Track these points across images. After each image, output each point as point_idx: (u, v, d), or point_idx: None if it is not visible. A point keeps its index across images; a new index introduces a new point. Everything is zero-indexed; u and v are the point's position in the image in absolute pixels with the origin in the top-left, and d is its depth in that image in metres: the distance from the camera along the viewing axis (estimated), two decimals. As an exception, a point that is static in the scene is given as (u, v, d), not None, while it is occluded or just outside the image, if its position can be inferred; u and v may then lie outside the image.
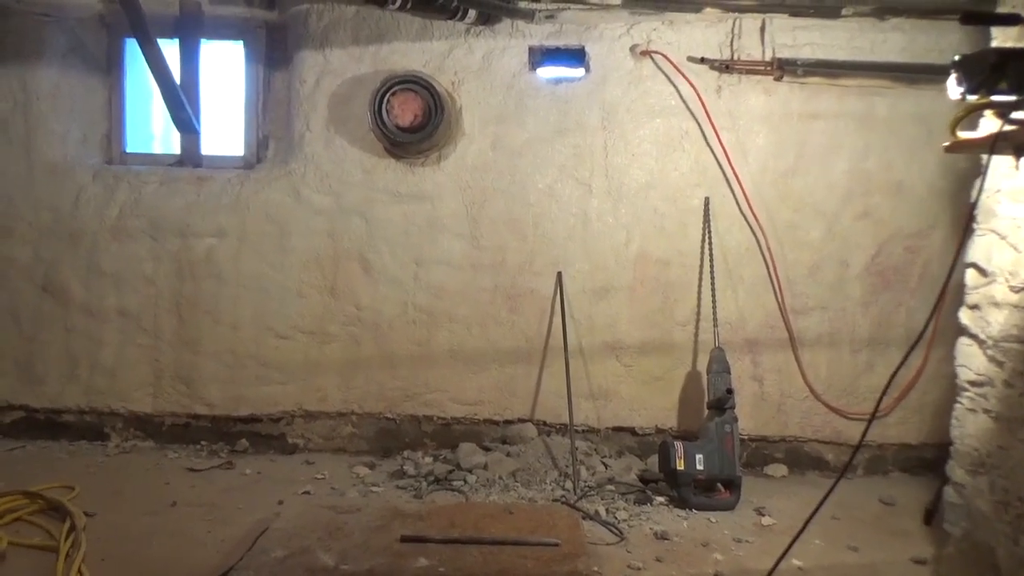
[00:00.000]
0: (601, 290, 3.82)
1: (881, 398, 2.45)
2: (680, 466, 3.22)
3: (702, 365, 3.80)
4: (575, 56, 3.81)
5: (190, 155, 4.01)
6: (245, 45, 3.99)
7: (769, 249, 3.78)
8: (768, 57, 3.75)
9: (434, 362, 3.85)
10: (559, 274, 3.81)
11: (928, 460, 3.84)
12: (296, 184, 3.82)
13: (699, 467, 3.24)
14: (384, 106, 3.52)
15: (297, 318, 3.83)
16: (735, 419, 3.37)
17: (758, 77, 3.76)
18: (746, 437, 3.80)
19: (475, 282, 3.83)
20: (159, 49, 3.57)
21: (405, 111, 3.50)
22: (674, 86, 3.79)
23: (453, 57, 3.78)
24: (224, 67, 4.10)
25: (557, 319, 3.79)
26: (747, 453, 3.83)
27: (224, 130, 4.11)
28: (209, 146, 4.06)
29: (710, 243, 3.76)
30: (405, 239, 3.82)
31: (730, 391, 3.36)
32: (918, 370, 3.81)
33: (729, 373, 3.49)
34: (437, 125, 3.56)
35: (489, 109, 3.79)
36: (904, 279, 3.81)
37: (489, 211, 3.81)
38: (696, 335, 3.84)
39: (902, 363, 2.31)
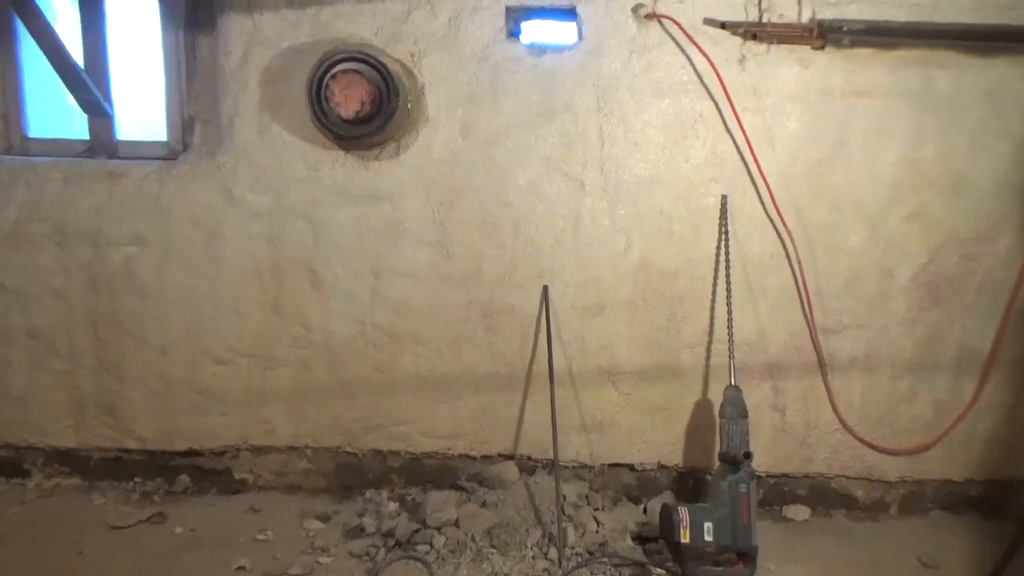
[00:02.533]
0: (595, 306, 3.20)
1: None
2: (685, 538, 2.68)
3: (714, 393, 3.22)
4: (564, 17, 3.07)
5: (102, 141, 3.34)
6: (161, 2, 3.25)
7: (798, 256, 3.13)
8: (806, 19, 2.99)
9: (399, 390, 3.27)
10: (545, 288, 3.19)
11: (974, 498, 3.32)
12: (227, 181, 3.16)
13: (707, 538, 2.70)
14: (323, 92, 2.82)
15: (236, 340, 3.25)
16: (752, 476, 2.80)
17: (792, 45, 3.02)
18: (763, 474, 3.26)
19: (445, 297, 3.21)
20: (43, 18, 2.87)
21: (349, 98, 2.80)
22: (686, 57, 3.06)
23: (412, 22, 3.05)
24: (140, 31, 3.38)
25: (543, 340, 3.19)
26: (764, 490, 3.29)
27: (144, 109, 3.42)
28: (127, 129, 3.38)
29: (727, 249, 3.11)
30: (360, 247, 3.18)
31: (748, 455, 2.78)
32: (971, 399, 3.22)
33: (746, 418, 2.91)
34: (391, 114, 2.87)
35: (457, 87, 3.08)
36: (959, 293, 3.17)
37: (460, 213, 3.15)
38: (708, 358, 3.24)
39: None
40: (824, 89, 3.05)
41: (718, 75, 2.99)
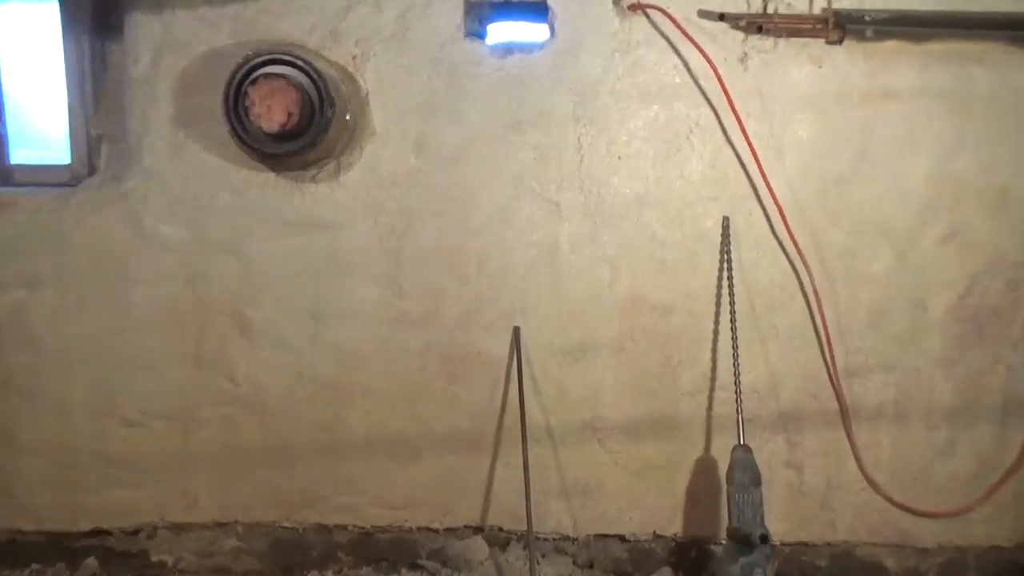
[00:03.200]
0: (576, 349, 2.70)
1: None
2: (690, 641, 2.17)
3: (718, 448, 2.73)
4: (534, 11, 2.59)
5: (-7, 165, 2.82)
6: (61, 4, 2.75)
7: (814, 287, 2.65)
8: (820, 8, 2.53)
9: (346, 453, 2.75)
10: (516, 328, 2.69)
11: (1024, 567, 2.82)
12: (136, 209, 2.65)
13: (718, 639, 2.19)
14: (242, 102, 2.32)
15: (150, 398, 2.73)
16: (768, 558, 2.30)
17: (804, 40, 2.56)
18: (777, 543, 2.75)
19: (398, 342, 2.70)
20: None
21: (273, 108, 2.30)
22: (679, 56, 2.58)
23: (353, 18, 2.56)
24: (40, 37, 2.88)
25: (514, 390, 2.68)
26: (778, 562, 2.78)
27: (47, 127, 2.92)
28: (23, 151, 2.87)
29: (730, 280, 2.62)
30: (296, 285, 2.68)
31: (766, 538, 2.27)
32: (1020, 452, 2.73)
33: (760, 486, 2.41)
34: (325, 126, 2.37)
35: (409, 95, 2.59)
36: (1004, 327, 2.70)
37: (414, 242, 2.66)
38: (710, 408, 2.74)
39: None
40: (842, 91, 2.59)
41: (717, 76, 2.52)
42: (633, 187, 2.64)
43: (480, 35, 2.58)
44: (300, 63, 2.33)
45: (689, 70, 2.58)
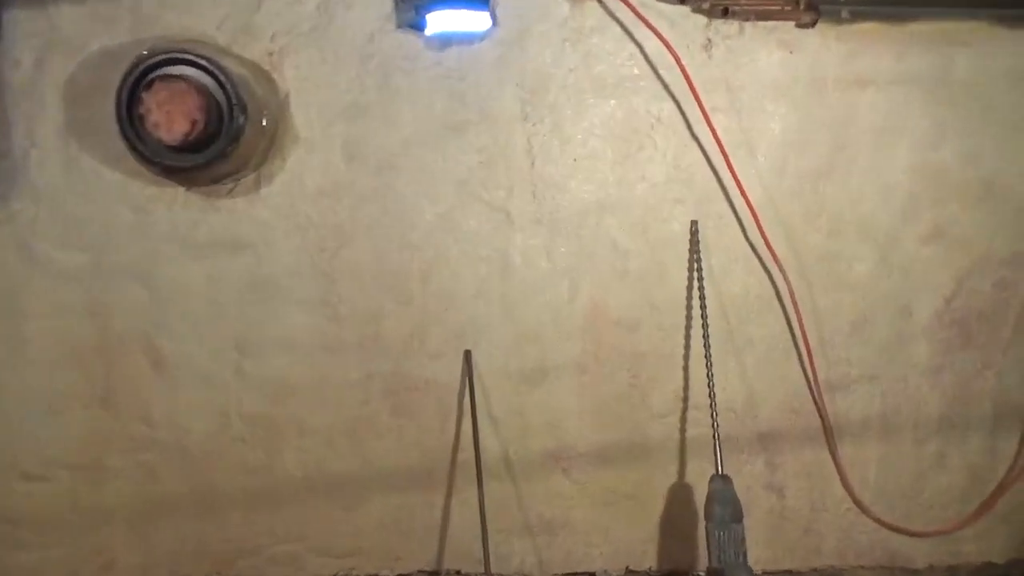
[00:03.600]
0: (535, 371, 2.44)
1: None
2: None
3: (693, 474, 2.50)
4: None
5: None
6: (-68, -1, 2.38)
7: (792, 295, 2.42)
8: (789, -11, 2.29)
9: (282, 497, 2.46)
10: (467, 352, 2.41)
11: (1020, 583, 2.63)
12: (25, 234, 2.31)
13: None
14: (136, 109, 2.00)
15: (53, 447, 2.40)
16: (755, 602, 2.07)
17: (773, 24, 2.32)
18: (759, 573, 2.52)
19: (336, 372, 2.41)
20: None
21: (173, 117, 1.99)
22: (636, 44, 2.32)
23: (268, 9, 2.25)
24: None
25: (468, 420, 2.41)
26: (762, 592, 2.57)
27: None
28: None
29: (701, 291, 2.38)
30: (216, 313, 2.37)
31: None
32: (1012, 463, 2.54)
33: (742, 521, 2.18)
34: (236, 135, 2.06)
35: (335, 95, 2.29)
36: (993, 330, 2.51)
37: (349, 260, 2.36)
38: (683, 430, 2.51)
39: None
40: (816, 79, 2.36)
41: (679, 65, 2.26)
42: (591, 191, 2.38)
43: (415, 26, 2.29)
44: (203, 62, 2.01)
45: (648, 59, 2.32)
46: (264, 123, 2.15)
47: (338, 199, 2.34)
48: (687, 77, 2.27)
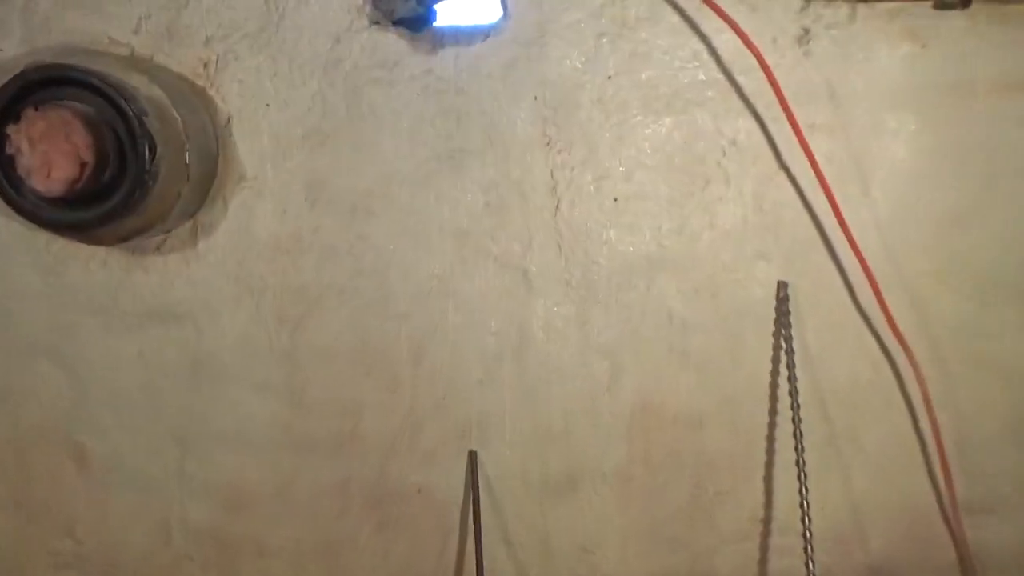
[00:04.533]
0: (562, 480, 1.83)
1: None
2: None
3: (777, 618, 1.83)
4: (475, -18, 1.69)
5: None
6: None
7: (920, 382, 1.74)
8: (925, -46, 1.59)
9: (238, 632, 1.92)
10: (472, 455, 1.82)
11: None
12: (-89, 301, 1.82)
13: None
14: (3, 149, 1.46)
15: (-42, 563, 1.92)
16: None
17: (897, 4, 1.62)
18: None
19: (303, 476, 1.86)
20: None
21: (53, 159, 1.44)
22: (702, 38, 1.67)
23: (201, 4, 1.68)
24: None
25: (472, 540, 1.82)
26: None
27: None
28: None
29: (792, 377, 1.72)
30: (151, 400, 1.84)
31: None
32: None
33: None
34: (144, 180, 1.50)
35: (293, 117, 1.71)
36: None
37: (317, 333, 1.79)
38: (763, 560, 1.86)
39: None
40: (959, 82, 1.65)
41: (764, 67, 1.59)
42: (639, 243, 1.74)
43: (396, 21, 1.68)
44: (96, 81, 1.45)
45: (718, 60, 1.67)
46: (188, 162, 1.58)
47: (299, 254, 1.77)
48: (774, 83, 1.60)
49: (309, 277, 1.78)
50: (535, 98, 1.70)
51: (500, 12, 1.68)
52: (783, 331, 1.74)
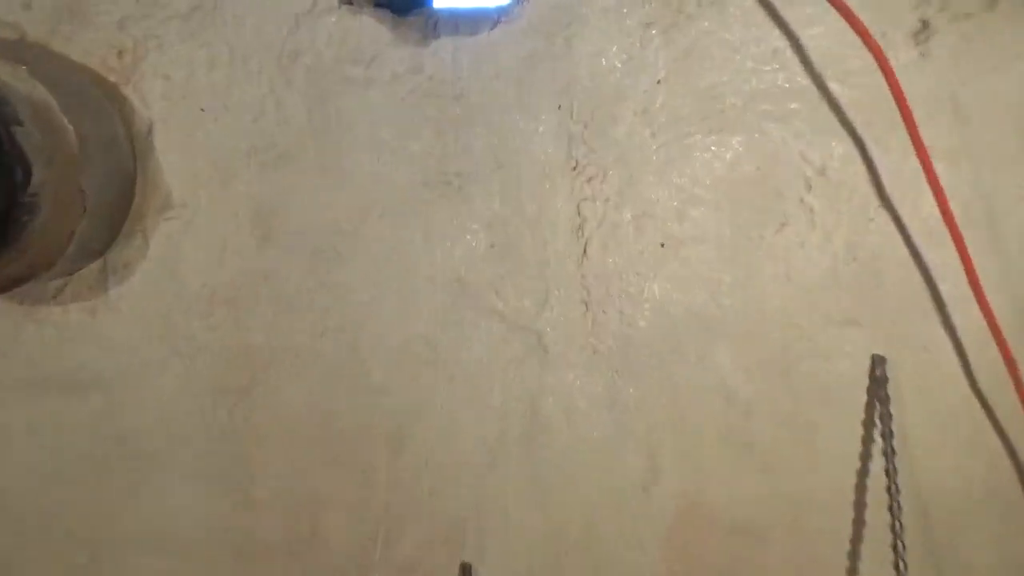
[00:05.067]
0: (582, 602, 1.40)
1: None
2: None
3: None
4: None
5: None
6: None
7: (1052, 490, 1.30)
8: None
9: None
10: (465, 567, 1.39)
11: None
12: None
13: None
14: None
15: None
16: None
17: (1060, -10, 1.19)
18: None
19: (248, 590, 1.42)
20: None
21: None
22: (785, 32, 1.23)
23: (113, -26, 1.25)
24: None
25: (469, 676, 1.40)
26: None
27: None
28: None
29: (891, 478, 1.29)
30: (51, 491, 1.41)
31: None
32: None
33: None
34: (18, 214, 1.07)
35: (235, 126, 1.28)
36: None
37: (267, 408, 1.37)
38: None
39: None
40: None
41: (886, 71, 1.16)
42: (690, 301, 1.31)
43: (378, 1, 1.26)
44: (-54, 77, 1.02)
45: (807, 60, 1.24)
46: (84, 186, 1.15)
47: (245, 307, 1.34)
48: (899, 94, 1.17)
49: (258, 337, 1.35)
50: (559, 107, 1.27)
51: (513, -6, 1.25)
52: (879, 420, 1.31)
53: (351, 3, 1.25)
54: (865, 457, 1.35)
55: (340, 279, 1.33)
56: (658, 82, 1.26)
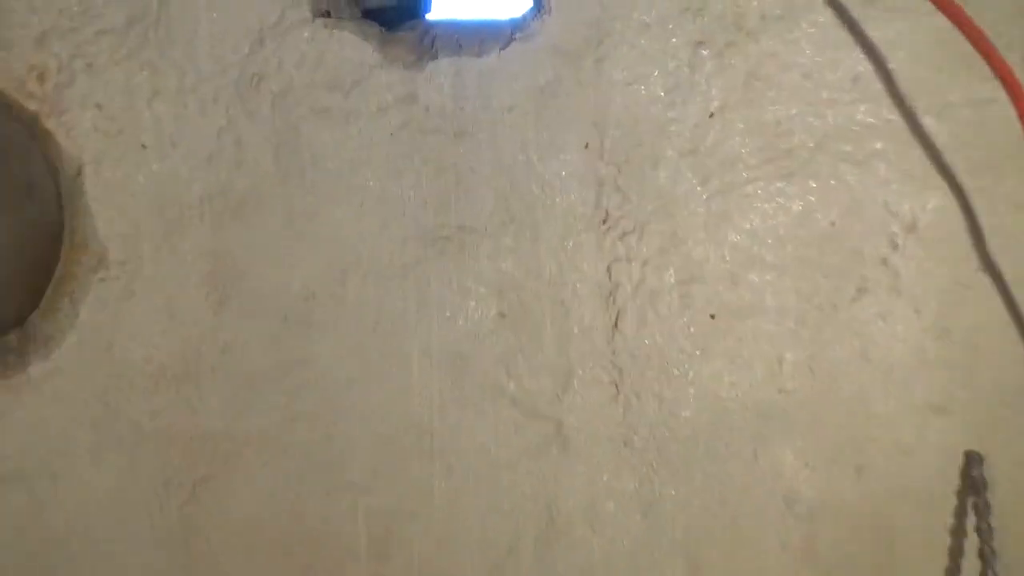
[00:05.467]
0: None
1: None
2: None
3: None
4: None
5: None
6: None
7: None
8: None
9: None
10: None
11: None
12: None
13: None
14: None
15: None
16: None
17: None
18: None
19: None
20: None
21: None
22: (868, 53, 0.98)
23: (31, -23, 1.00)
24: None
25: None
26: None
27: None
28: None
29: (982, 598, 1.04)
30: (-38, 602, 1.16)
31: None
32: None
33: None
34: None
35: (185, 167, 1.03)
36: None
37: (226, 506, 1.13)
38: None
39: None
40: None
41: (1015, 95, 0.90)
42: (746, 385, 1.07)
43: (367, 11, 1.01)
44: None
45: (895, 90, 0.99)
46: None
47: (199, 386, 1.09)
48: None
49: (215, 422, 1.10)
50: (586, 146, 1.02)
51: (531, 2, 1.00)
52: (976, 532, 1.07)
53: (328, 15, 1.00)
54: (953, 571, 1.11)
55: (314, 353, 1.09)
56: (710, 115, 1.01)
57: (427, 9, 1.15)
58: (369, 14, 1.07)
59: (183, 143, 1.03)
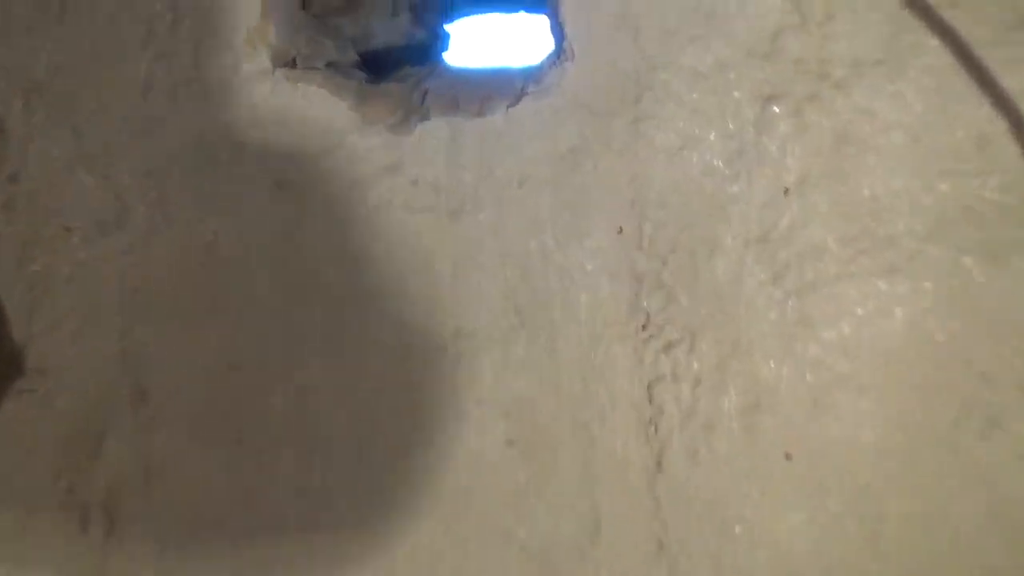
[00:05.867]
0: None
1: None
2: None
3: None
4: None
5: None
6: None
7: None
8: None
9: None
10: None
11: None
12: None
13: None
14: None
15: None
16: None
17: None
18: None
19: None
20: None
21: None
22: (1000, 107, 0.72)
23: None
24: None
25: None
26: None
27: None
28: None
29: None
30: None
31: None
32: None
33: None
34: None
35: (116, 252, 0.81)
36: None
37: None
38: None
39: None
40: None
41: None
42: (832, 539, 0.80)
43: (364, 54, 0.79)
44: None
45: (1045, 162, 0.73)
46: None
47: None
48: None
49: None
50: (619, 231, 0.78)
51: (551, 45, 0.77)
52: None
53: (295, 65, 0.79)
54: None
55: (276, 485, 0.86)
56: (785, 192, 0.76)
57: (444, 48, 0.94)
58: (369, 59, 0.86)
59: (104, 226, 0.82)
